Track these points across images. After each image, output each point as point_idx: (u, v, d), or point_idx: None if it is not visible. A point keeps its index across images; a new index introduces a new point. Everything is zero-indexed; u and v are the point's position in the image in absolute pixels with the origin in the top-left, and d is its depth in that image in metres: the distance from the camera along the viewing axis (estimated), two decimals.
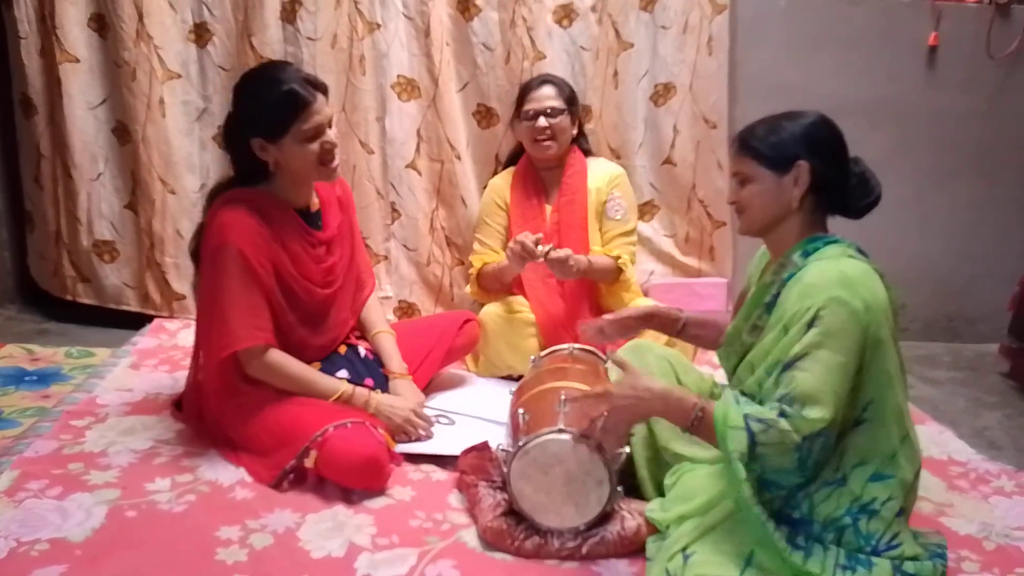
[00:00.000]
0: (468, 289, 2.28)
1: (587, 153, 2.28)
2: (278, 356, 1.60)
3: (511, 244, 1.98)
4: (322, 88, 1.58)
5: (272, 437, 1.57)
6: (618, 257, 2.12)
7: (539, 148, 2.14)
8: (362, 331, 1.89)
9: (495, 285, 2.18)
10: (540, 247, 1.92)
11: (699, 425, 1.22)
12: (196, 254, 1.66)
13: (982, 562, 1.38)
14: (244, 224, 1.54)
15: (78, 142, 2.42)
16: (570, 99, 2.16)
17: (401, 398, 1.72)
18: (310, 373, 1.64)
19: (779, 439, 1.15)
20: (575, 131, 2.20)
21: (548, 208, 2.18)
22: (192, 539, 1.35)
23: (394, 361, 1.81)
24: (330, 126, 1.59)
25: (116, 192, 2.50)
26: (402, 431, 1.67)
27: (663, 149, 2.54)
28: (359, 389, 1.66)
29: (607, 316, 1.64)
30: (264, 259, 1.56)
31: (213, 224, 1.56)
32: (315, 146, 1.56)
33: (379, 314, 1.91)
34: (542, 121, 2.10)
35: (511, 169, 2.27)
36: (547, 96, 2.12)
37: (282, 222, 1.62)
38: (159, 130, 2.43)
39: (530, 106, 2.13)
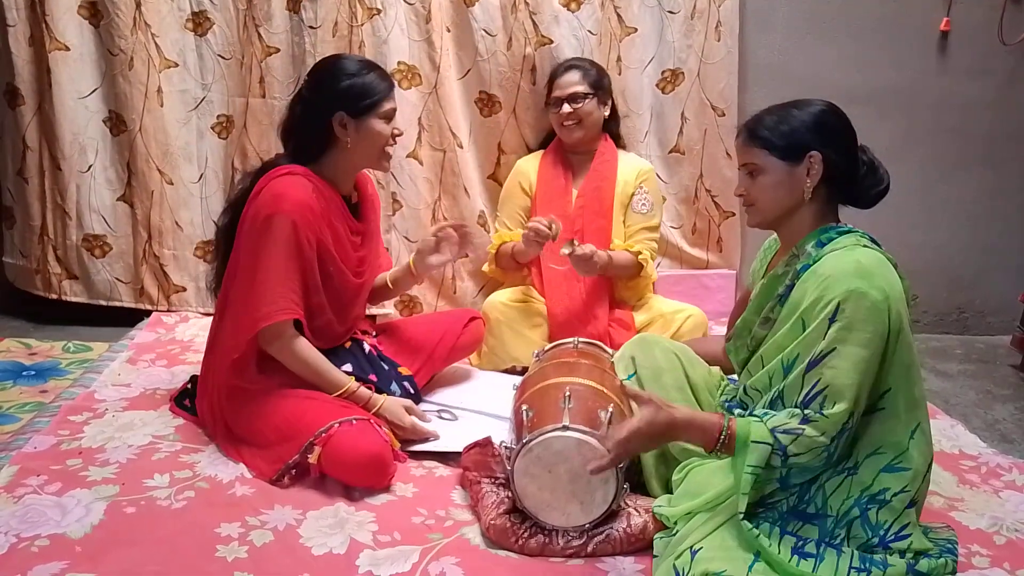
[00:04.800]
0: (486, 267, 2.30)
1: (619, 144, 2.29)
2: (300, 338, 1.61)
3: (525, 230, 1.99)
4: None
5: (275, 431, 1.56)
6: (638, 252, 2.13)
7: (566, 132, 2.18)
8: (376, 290, 1.89)
9: (511, 265, 2.21)
10: (554, 226, 1.95)
11: (728, 446, 1.20)
12: (231, 224, 1.65)
13: (992, 557, 1.36)
14: (298, 197, 1.56)
15: (67, 133, 2.38)
16: (596, 83, 2.17)
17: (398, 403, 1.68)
18: (323, 362, 1.63)
19: (809, 445, 1.16)
20: (606, 114, 2.21)
21: (574, 192, 2.19)
22: (192, 535, 1.34)
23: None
24: None
25: (108, 184, 2.45)
26: (409, 433, 1.66)
27: (670, 137, 2.50)
28: (362, 388, 1.65)
29: None
30: (311, 234, 1.58)
31: (267, 193, 1.57)
32: (389, 128, 1.65)
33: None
34: (566, 107, 2.14)
35: (540, 152, 2.28)
36: (571, 82, 2.15)
37: (331, 202, 1.64)
38: (156, 119, 2.40)
39: (556, 93, 2.17)
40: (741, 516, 1.18)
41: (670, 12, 2.39)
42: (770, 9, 2.45)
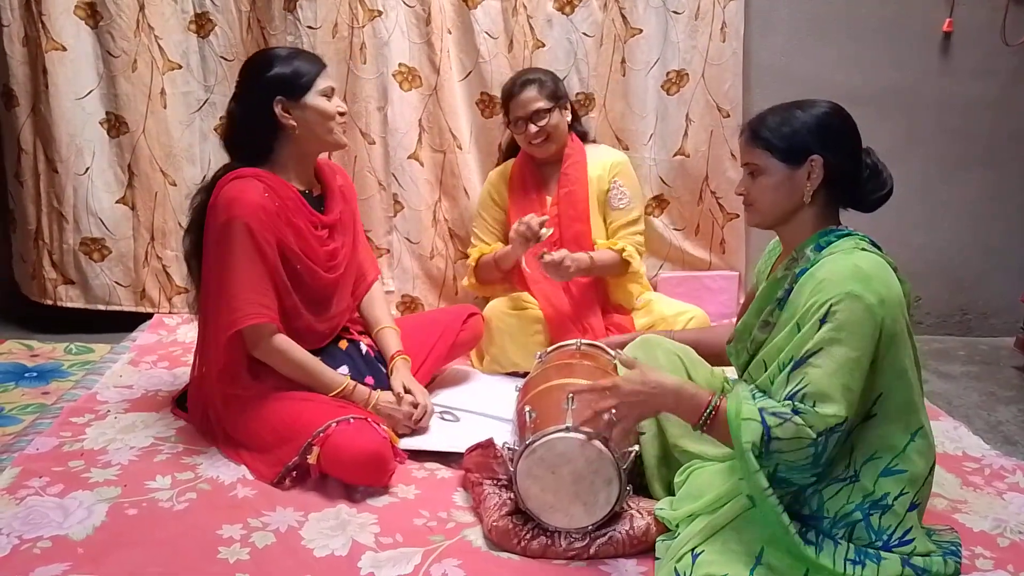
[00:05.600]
0: (465, 282, 2.27)
1: (585, 139, 2.23)
2: (284, 341, 1.60)
3: (516, 225, 1.95)
4: None
5: (274, 434, 1.55)
6: (622, 250, 2.09)
7: (537, 149, 2.11)
8: (366, 327, 1.87)
9: (493, 275, 2.17)
10: (544, 229, 1.92)
11: (712, 422, 1.19)
12: (196, 242, 1.64)
13: (996, 559, 1.35)
14: (251, 199, 1.55)
15: (64, 135, 2.36)
16: (554, 94, 2.07)
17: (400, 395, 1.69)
18: (315, 363, 1.63)
19: (794, 433, 1.13)
20: (568, 119, 2.13)
21: (548, 200, 2.16)
22: (194, 537, 1.34)
23: (393, 349, 1.79)
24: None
25: (106, 187, 2.43)
26: (405, 427, 1.66)
27: (676, 140, 2.49)
28: (360, 387, 1.65)
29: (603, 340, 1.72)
30: (269, 235, 1.56)
31: (220, 200, 1.56)
32: (331, 104, 1.64)
33: (384, 310, 1.89)
34: (532, 127, 2.05)
35: (509, 162, 2.23)
36: (530, 99, 2.04)
37: (287, 200, 1.62)
38: (159, 121, 2.40)
39: (516, 114, 2.07)
40: (769, 489, 1.14)
41: (675, 12, 2.38)
42: (772, 10, 2.45)
